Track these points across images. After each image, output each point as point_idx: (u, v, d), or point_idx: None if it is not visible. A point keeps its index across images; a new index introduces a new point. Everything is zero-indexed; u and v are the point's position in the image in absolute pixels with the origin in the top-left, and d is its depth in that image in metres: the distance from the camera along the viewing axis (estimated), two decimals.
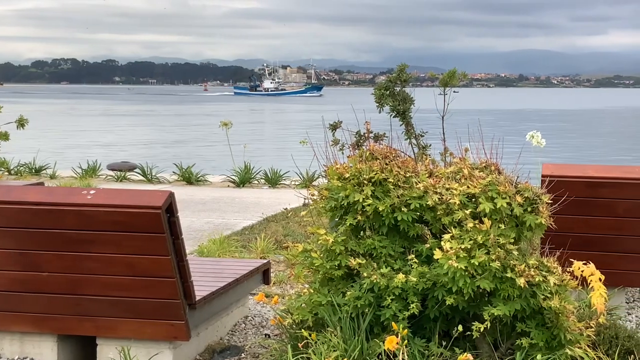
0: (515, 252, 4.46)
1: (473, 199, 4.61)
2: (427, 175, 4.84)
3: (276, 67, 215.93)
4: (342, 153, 5.76)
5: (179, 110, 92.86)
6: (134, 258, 4.72)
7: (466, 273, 4.33)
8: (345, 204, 4.75)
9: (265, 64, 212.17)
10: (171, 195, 4.64)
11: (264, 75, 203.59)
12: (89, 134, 48.40)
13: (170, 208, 4.63)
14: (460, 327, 4.45)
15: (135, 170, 15.79)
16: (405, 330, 4.35)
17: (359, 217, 4.73)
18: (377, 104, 7.49)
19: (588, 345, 4.51)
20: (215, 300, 5.31)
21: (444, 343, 4.58)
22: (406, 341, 4.29)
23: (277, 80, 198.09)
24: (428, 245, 4.61)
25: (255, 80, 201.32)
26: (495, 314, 4.39)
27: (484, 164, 4.89)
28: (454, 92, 7.58)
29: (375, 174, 4.73)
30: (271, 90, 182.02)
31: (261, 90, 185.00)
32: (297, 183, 13.89)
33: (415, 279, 4.46)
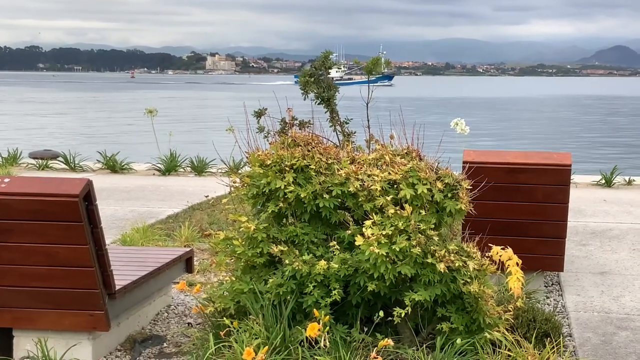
0: (436, 238, 4.50)
1: (394, 185, 4.63)
2: (349, 162, 4.84)
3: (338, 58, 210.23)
4: (267, 140, 5.73)
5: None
6: (52, 247, 4.61)
7: (387, 259, 4.36)
8: (267, 191, 4.72)
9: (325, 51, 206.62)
10: (89, 183, 4.54)
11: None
12: (16, 121, 47.18)
13: (88, 196, 4.53)
14: (381, 313, 4.48)
15: (58, 158, 15.43)
16: (328, 317, 4.36)
17: (281, 204, 4.71)
18: (302, 91, 7.47)
19: (506, 329, 4.59)
20: (136, 289, 5.23)
21: (365, 329, 4.60)
22: (328, 327, 4.30)
23: (342, 69, 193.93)
24: (350, 232, 4.62)
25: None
26: (416, 299, 4.43)
27: (405, 151, 4.91)
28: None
29: (297, 161, 4.71)
30: (336, 80, 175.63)
31: None
32: (223, 171, 13.78)
33: (337, 266, 4.46)
